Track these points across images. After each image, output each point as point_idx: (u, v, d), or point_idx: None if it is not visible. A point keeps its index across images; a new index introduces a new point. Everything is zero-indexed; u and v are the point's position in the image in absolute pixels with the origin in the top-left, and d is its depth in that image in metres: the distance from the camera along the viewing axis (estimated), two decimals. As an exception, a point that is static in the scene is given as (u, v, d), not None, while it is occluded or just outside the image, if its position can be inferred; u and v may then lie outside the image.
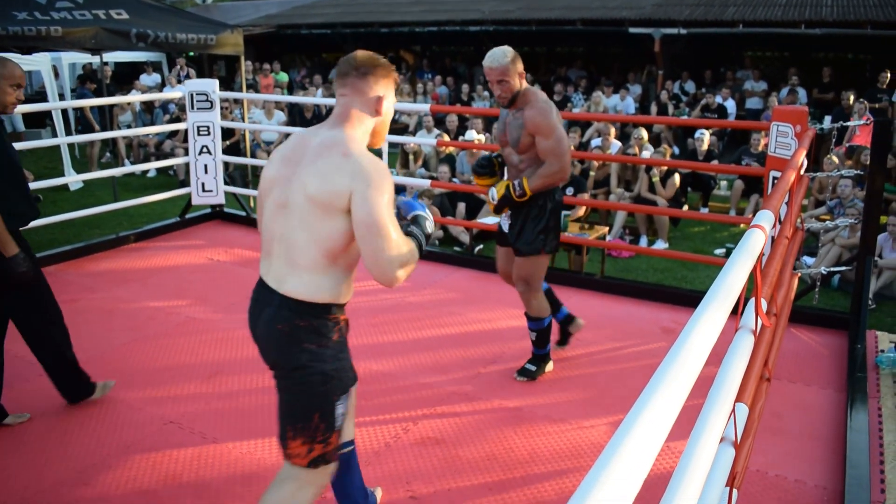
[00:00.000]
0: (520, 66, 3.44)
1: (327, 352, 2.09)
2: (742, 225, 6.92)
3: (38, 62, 10.18)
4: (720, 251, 7.32)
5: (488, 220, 6.52)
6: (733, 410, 1.82)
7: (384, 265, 1.99)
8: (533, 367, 3.82)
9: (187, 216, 6.79)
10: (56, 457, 3.07)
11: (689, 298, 4.93)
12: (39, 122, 13.80)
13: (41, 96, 12.91)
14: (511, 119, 3.53)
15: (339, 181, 1.98)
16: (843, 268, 5.15)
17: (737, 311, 2.01)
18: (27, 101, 13.15)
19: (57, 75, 12.25)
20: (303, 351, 2.06)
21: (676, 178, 7.94)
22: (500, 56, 3.39)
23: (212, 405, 3.51)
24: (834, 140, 6.21)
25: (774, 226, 2.39)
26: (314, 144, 2.09)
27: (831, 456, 3.12)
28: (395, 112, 11.15)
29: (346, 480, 2.45)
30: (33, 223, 5.52)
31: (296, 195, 2.03)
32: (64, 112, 10.39)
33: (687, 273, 6.70)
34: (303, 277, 2.05)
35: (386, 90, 2.20)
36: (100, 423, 3.33)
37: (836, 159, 7.66)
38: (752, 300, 1.91)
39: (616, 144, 9.18)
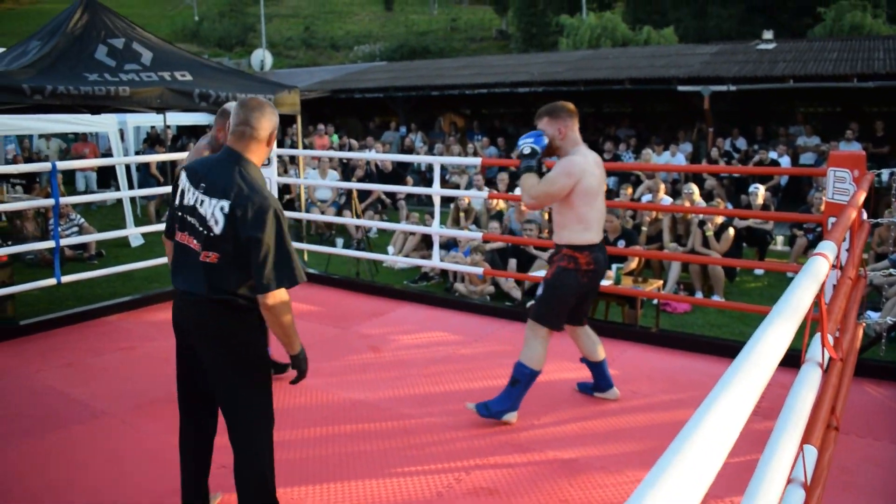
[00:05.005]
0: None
1: None
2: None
3: (105, 124, 10.65)
4: (778, 306, 7.14)
5: (540, 272, 6.50)
6: (801, 451, 1.76)
7: None
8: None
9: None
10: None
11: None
12: (105, 183, 14.35)
13: (108, 157, 13.44)
14: None
15: None
16: (911, 320, 4.97)
17: (798, 363, 1.97)
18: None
19: (122, 138, 12.77)
20: None
21: (731, 232, 7.81)
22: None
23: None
24: (894, 190, 6.07)
25: (837, 266, 2.34)
26: (595, 159, 3.75)
27: (906, 512, 2.96)
28: (446, 172, 11.21)
29: None
30: (97, 275, 5.70)
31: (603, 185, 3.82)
32: (128, 174, 10.79)
33: (745, 328, 6.54)
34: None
35: None
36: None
37: (897, 211, 7.47)
38: (818, 335, 1.85)
39: (667, 200, 9.12)
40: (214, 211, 2.50)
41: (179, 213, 2.62)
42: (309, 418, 3.88)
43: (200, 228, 2.53)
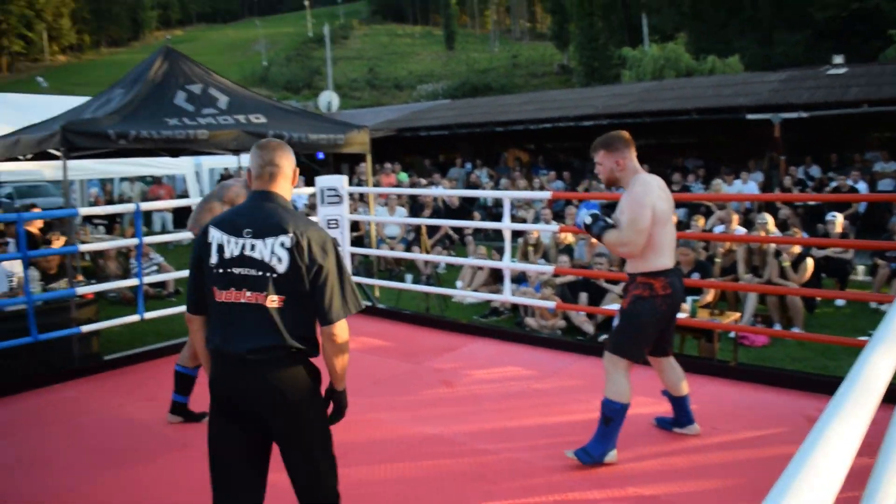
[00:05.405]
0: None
1: None
2: (886, 306, 6.49)
3: (182, 166, 11.06)
4: (864, 338, 6.87)
5: (612, 306, 6.42)
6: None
7: None
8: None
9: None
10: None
11: (835, 386, 4.61)
12: (181, 223, 14.85)
13: (184, 198, 13.94)
14: None
15: None
16: None
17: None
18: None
19: (198, 179, 13.24)
20: None
21: (809, 262, 7.56)
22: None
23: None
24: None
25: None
26: (659, 183, 3.62)
27: None
28: (512, 206, 11.19)
29: None
30: (176, 312, 5.86)
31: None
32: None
33: (827, 363, 6.31)
34: None
35: None
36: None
37: None
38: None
39: (740, 231, 8.92)
40: (275, 249, 2.37)
41: (220, 270, 2.41)
42: (384, 452, 3.89)
43: (260, 273, 2.37)
